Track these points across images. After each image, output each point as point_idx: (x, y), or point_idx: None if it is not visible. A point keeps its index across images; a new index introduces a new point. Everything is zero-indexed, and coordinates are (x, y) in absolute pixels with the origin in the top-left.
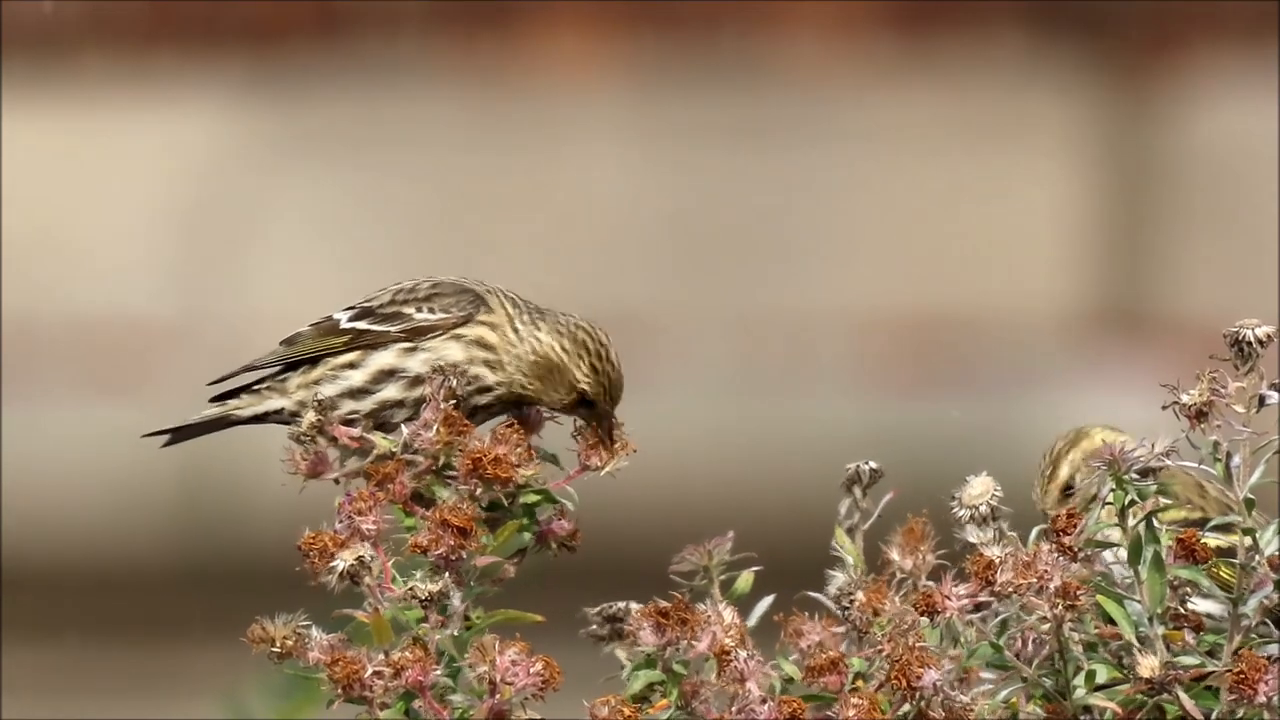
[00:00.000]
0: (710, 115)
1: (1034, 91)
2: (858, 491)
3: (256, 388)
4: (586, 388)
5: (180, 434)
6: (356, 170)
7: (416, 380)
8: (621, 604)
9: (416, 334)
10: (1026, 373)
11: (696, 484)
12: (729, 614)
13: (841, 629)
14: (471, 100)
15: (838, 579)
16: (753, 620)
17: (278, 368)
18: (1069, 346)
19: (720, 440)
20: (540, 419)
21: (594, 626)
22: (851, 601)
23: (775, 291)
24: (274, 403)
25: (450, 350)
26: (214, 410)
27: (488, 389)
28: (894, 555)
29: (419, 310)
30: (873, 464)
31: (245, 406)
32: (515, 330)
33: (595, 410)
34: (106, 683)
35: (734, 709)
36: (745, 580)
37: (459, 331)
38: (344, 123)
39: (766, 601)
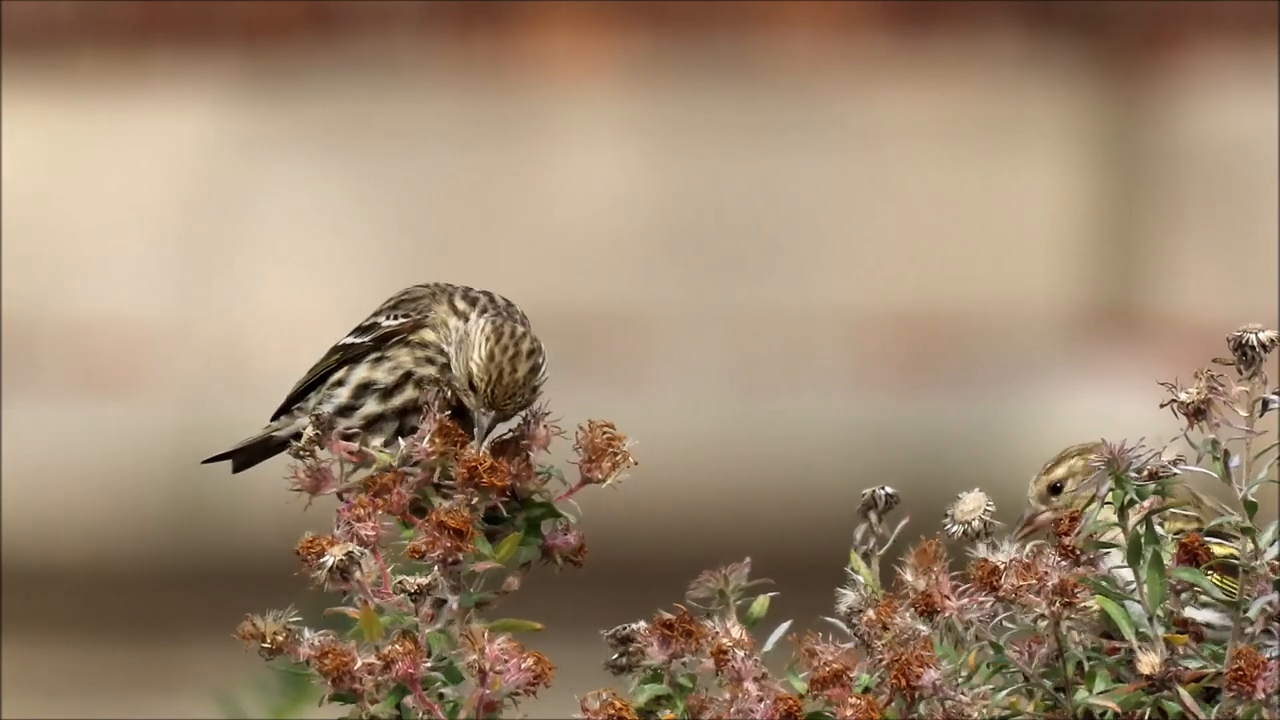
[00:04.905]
0: (706, 113)
1: (1030, 90)
2: (873, 517)
3: (291, 408)
4: (474, 368)
5: (237, 457)
6: (352, 168)
7: (387, 392)
8: (633, 625)
9: (382, 341)
10: (1023, 371)
11: (693, 483)
12: (737, 631)
13: (850, 645)
14: (467, 98)
15: (848, 597)
16: (768, 646)
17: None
18: (1066, 345)
19: (717, 439)
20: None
21: (614, 656)
22: (860, 618)
23: (772, 290)
24: (303, 421)
25: (401, 355)
26: (260, 432)
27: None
28: (908, 576)
29: (387, 318)
30: (888, 489)
31: (282, 427)
32: (455, 320)
33: (474, 400)
34: (105, 681)
35: (732, 710)
36: (761, 605)
37: (409, 337)
38: (339, 120)
39: (783, 627)
